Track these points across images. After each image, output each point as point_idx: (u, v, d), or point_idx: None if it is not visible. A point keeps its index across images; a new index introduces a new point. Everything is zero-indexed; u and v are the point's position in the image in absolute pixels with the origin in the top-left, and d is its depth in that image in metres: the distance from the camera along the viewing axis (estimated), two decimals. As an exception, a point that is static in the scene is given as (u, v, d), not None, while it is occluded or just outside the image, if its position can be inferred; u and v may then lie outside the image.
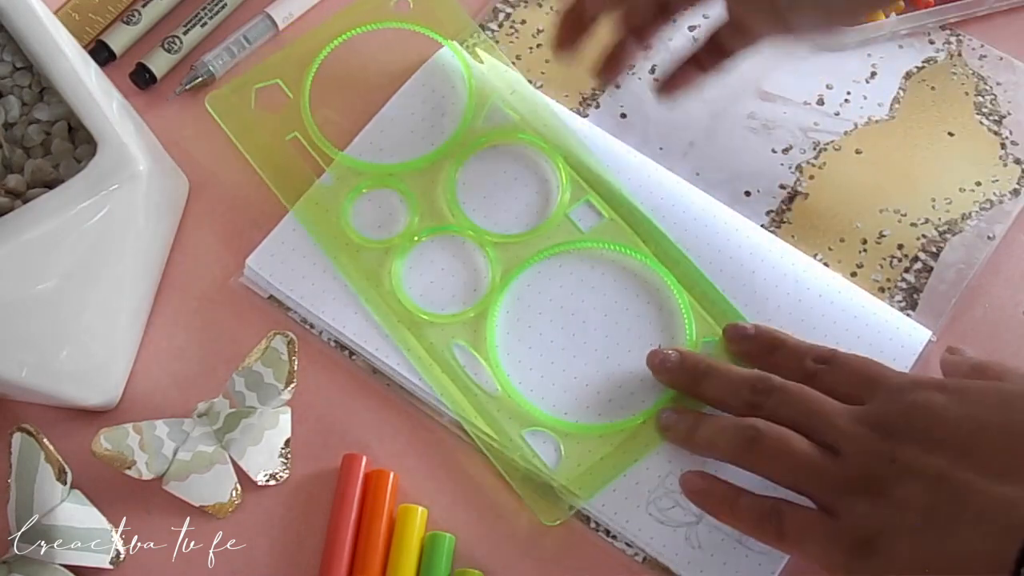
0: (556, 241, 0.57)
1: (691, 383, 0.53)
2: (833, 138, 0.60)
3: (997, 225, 0.58)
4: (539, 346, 0.55)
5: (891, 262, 0.58)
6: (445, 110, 0.60)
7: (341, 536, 0.52)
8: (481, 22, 0.63)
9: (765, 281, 0.56)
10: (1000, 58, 0.62)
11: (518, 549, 0.53)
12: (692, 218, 0.57)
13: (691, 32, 0.63)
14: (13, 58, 0.52)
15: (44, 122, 0.51)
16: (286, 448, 0.54)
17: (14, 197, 0.49)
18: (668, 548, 0.51)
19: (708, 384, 0.52)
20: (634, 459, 0.53)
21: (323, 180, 0.59)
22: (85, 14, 0.62)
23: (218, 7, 0.63)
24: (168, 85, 0.62)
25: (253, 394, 0.53)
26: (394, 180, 0.58)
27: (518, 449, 0.53)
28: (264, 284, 0.57)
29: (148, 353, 0.57)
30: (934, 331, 0.55)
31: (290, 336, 0.53)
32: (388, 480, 0.53)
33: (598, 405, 0.54)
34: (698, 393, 0.52)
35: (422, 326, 0.55)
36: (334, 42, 0.61)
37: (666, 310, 0.56)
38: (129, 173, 0.48)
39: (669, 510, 0.52)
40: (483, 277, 0.57)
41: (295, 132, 0.60)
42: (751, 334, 0.53)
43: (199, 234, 0.59)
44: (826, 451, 0.47)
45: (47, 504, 0.50)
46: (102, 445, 0.51)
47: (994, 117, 0.61)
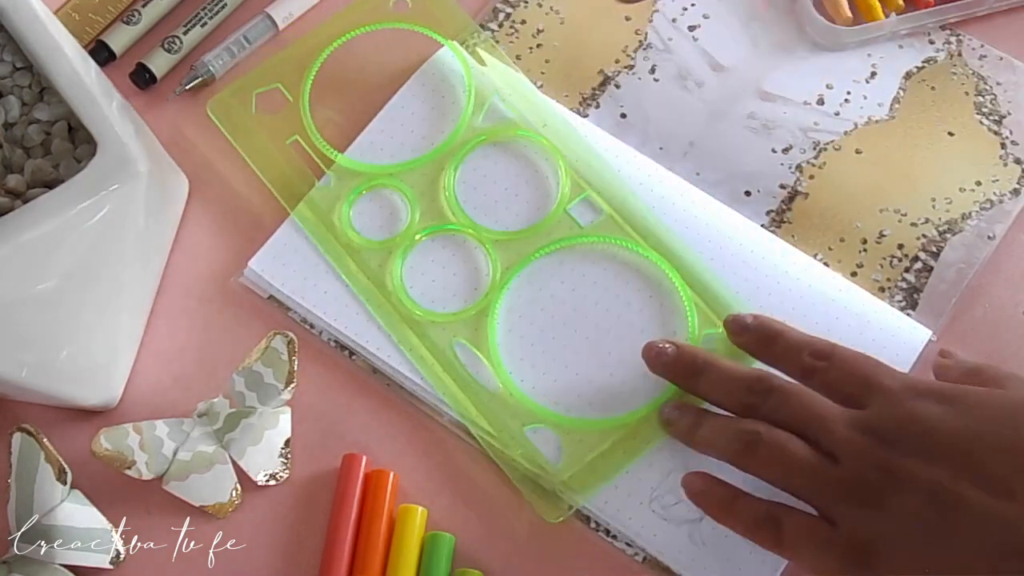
0: (556, 237, 0.57)
1: (687, 379, 0.52)
2: (833, 138, 0.61)
3: (997, 225, 0.58)
4: (540, 342, 0.55)
5: (891, 262, 0.58)
6: (445, 109, 0.60)
7: (341, 536, 0.52)
8: (481, 22, 0.63)
9: (765, 281, 0.56)
10: (1000, 58, 0.62)
11: (518, 549, 0.53)
12: (692, 218, 0.57)
13: (691, 32, 0.63)
14: (13, 58, 0.52)
15: (44, 122, 0.51)
16: (286, 448, 0.54)
17: (14, 197, 0.49)
18: (671, 545, 0.51)
19: (704, 381, 0.52)
20: (636, 455, 0.53)
21: (323, 182, 0.59)
22: (85, 14, 0.62)
23: (218, 7, 0.63)
24: (168, 85, 0.62)
25: (253, 394, 0.53)
26: (394, 180, 0.58)
27: (520, 447, 0.53)
28: (265, 286, 0.57)
29: (148, 353, 0.57)
30: (934, 331, 0.55)
31: (290, 336, 0.53)
32: (388, 480, 0.53)
33: (600, 401, 0.54)
34: (694, 390, 0.52)
35: (424, 325, 0.55)
36: (333, 44, 0.61)
37: (667, 303, 0.56)
38: (129, 173, 0.48)
39: (672, 507, 0.52)
40: (484, 275, 0.57)
41: (295, 135, 0.60)
42: (750, 324, 0.53)
43: (199, 234, 0.59)
44: (825, 457, 0.47)
45: (47, 504, 0.50)
46: (102, 445, 0.51)
47: (994, 117, 0.61)
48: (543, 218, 0.57)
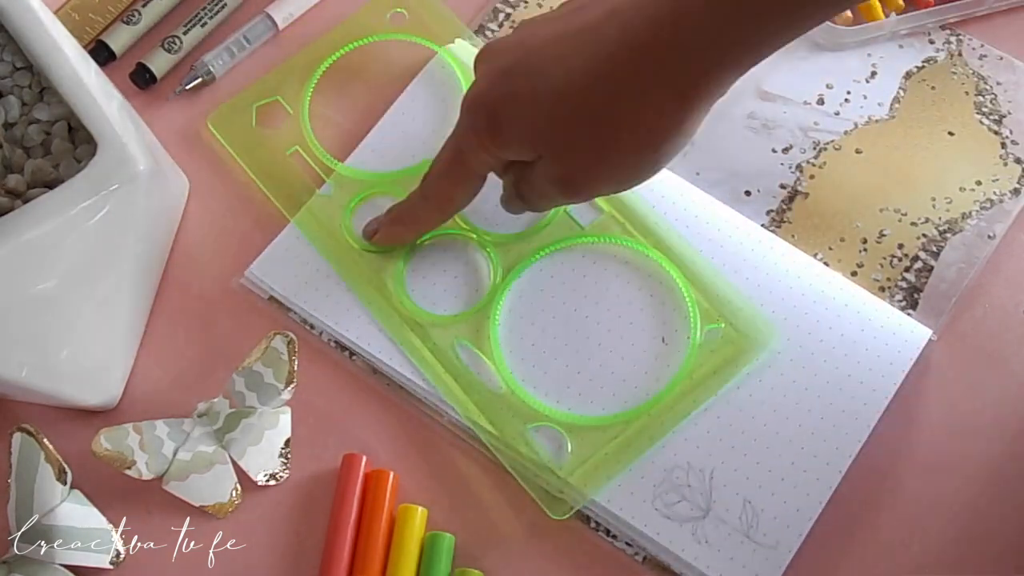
0: (556, 237, 0.57)
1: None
2: (833, 138, 0.60)
3: (997, 224, 0.58)
4: (542, 342, 0.55)
5: (891, 261, 0.58)
6: (443, 115, 0.60)
7: (341, 536, 0.52)
8: (481, 22, 0.63)
9: (765, 281, 0.56)
10: (1000, 58, 0.62)
11: (518, 549, 0.53)
12: (692, 217, 0.57)
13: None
14: (13, 58, 0.52)
15: (44, 122, 0.51)
16: (286, 448, 0.54)
17: (14, 197, 0.49)
18: (674, 543, 0.51)
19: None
20: (639, 453, 0.53)
21: (323, 191, 0.59)
22: (85, 14, 0.62)
23: (218, 7, 0.63)
24: (168, 85, 0.62)
25: (253, 394, 0.53)
26: (394, 187, 0.58)
27: (524, 445, 0.53)
28: (266, 288, 0.57)
29: (148, 353, 0.57)
30: (934, 330, 0.55)
31: (290, 336, 0.53)
32: (388, 480, 0.53)
33: (602, 399, 0.54)
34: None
35: (425, 327, 0.56)
36: (332, 56, 0.61)
37: (668, 301, 0.56)
38: (129, 173, 0.48)
39: (675, 504, 0.52)
40: (485, 276, 0.57)
41: (296, 146, 0.60)
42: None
43: (199, 234, 0.59)
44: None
45: (47, 504, 0.50)
46: (102, 445, 0.51)
47: (994, 117, 0.61)
48: (543, 219, 0.57)
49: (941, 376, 0.55)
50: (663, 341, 0.55)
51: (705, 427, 0.53)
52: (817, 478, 0.52)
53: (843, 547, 0.53)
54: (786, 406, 0.54)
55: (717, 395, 0.54)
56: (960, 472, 0.54)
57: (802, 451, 0.53)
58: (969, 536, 0.53)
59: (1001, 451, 0.54)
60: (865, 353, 0.54)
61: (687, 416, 0.53)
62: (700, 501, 0.52)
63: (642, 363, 0.54)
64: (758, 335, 0.54)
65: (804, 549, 0.51)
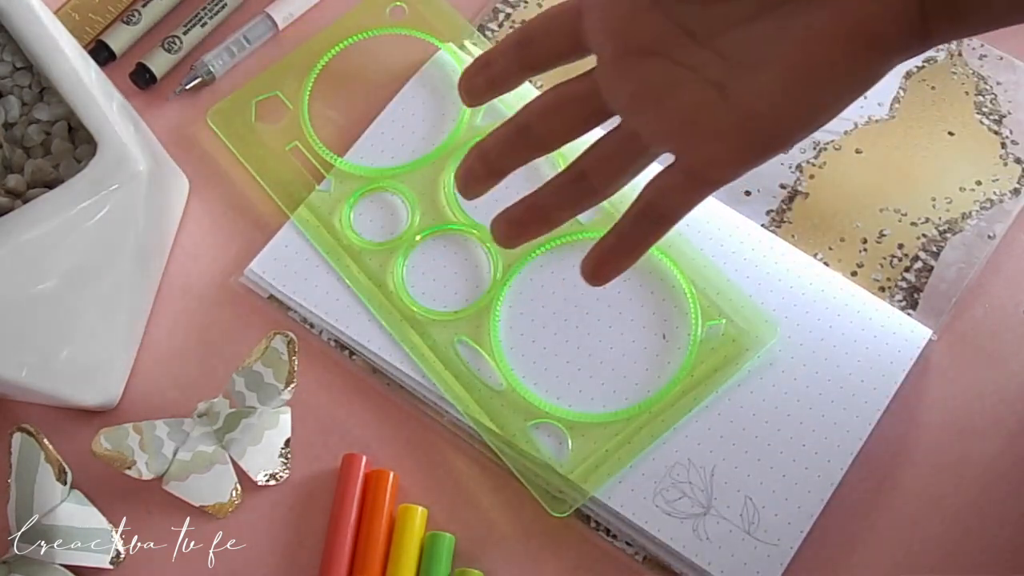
0: (557, 233, 0.57)
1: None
2: (833, 137, 0.60)
3: (997, 224, 0.58)
4: (543, 339, 0.55)
5: (891, 261, 0.58)
6: (444, 110, 0.60)
7: (341, 536, 0.52)
8: (481, 22, 0.63)
9: (765, 280, 0.56)
10: (1000, 58, 0.62)
11: (518, 549, 0.53)
12: (692, 217, 0.57)
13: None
14: (13, 58, 0.52)
15: (44, 122, 0.51)
16: (286, 448, 0.54)
17: (14, 197, 0.49)
18: (675, 540, 0.51)
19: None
20: (640, 450, 0.53)
21: (323, 186, 0.59)
22: (85, 14, 0.62)
23: (218, 7, 0.63)
24: (168, 85, 0.62)
25: (253, 394, 0.53)
26: (394, 182, 0.59)
27: (524, 442, 0.53)
28: (266, 286, 0.57)
29: (148, 353, 0.57)
30: (934, 330, 0.55)
31: (290, 336, 0.53)
32: (388, 480, 0.53)
33: (603, 396, 0.54)
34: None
35: (425, 324, 0.56)
36: (331, 51, 0.61)
37: (668, 297, 0.56)
38: (129, 173, 0.48)
39: (676, 501, 0.52)
40: (485, 273, 0.57)
41: (295, 141, 0.60)
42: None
43: (199, 234, 0.59)
44: None
45: (47, 504, 0.50)
46: (102, 445, 0.51)
47: (994, 116, 0.61)
48: (543, 217, 0.58)
49: (941, 376, 0.55)
50: (664, 338, 0.55)
51: (706, 424, 0.53)
52: (818, 476, 0.52)
53: (844, 545, 0.53)
54: (787, 404, 0.54)
55: (718, 392, 0.54)
56: (960, 472, 0.54)
57: (803, 449, 0.53)
58: (969, 536, 0.53)
59: (1001, 451, 0.54)
60: (865, 353, 0.54)
61: (688, 413, 0.53)
62: (701, 498, 0.52)
63: (643, 360, 0.55)
64: (759, 332, 0.55)
65: (805, 547, 0.52)
